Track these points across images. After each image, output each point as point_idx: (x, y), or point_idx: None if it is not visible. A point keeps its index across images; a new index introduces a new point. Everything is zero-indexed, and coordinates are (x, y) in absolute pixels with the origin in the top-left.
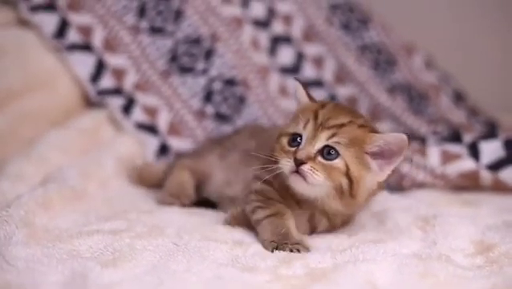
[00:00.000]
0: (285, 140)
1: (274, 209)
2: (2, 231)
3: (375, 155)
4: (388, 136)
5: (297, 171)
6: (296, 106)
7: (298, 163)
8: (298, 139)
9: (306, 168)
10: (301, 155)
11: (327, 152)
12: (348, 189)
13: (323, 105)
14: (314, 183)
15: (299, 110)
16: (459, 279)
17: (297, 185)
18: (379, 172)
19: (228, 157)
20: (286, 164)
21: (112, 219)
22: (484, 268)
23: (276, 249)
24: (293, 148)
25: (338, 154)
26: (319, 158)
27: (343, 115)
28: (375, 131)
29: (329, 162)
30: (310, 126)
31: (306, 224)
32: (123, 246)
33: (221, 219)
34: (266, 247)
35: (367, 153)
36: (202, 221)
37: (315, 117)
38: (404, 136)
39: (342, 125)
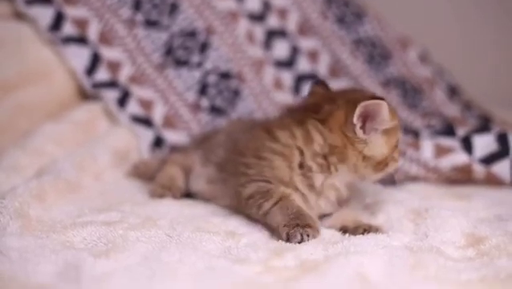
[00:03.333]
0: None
1: (276, 195)
2: None
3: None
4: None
5: None
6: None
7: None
8: None
9: None
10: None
11: None
12: None
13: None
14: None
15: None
16: (450, 271)
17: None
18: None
19: (207, 167)
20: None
21: (106, 211)
22: (475, 260)
23: (287, 237)
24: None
25: None
26: None
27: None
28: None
29: None
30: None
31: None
32: (117, 237)
33: (215, 210)
34: (280, 235)
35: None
36: (195, 212)
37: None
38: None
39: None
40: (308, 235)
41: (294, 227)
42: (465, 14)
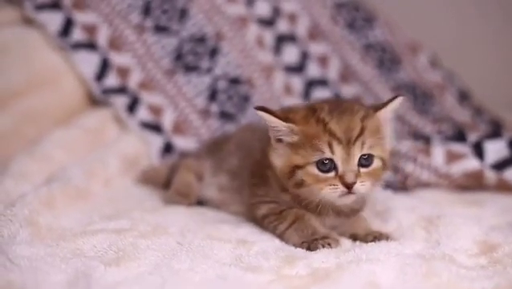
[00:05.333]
0: (313, 169)
1: (291, 217)
2: (6, 230)
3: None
4: (392, 105)
5: (349, 192)
6: (273, 131)
7: (351, 186)
8: (327, 163)
9: (358, 185)
10: (351, 178)
11: (365, 159)
12: (384, 170)
13: (323, 120)
14: (364, 192)
15: (301, 137)
16: (462, 279)
17: (347, 201)
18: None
19: (218, 176)
20: (334, 192)
21: (116, 218)
22: (487, 268)
23: (309, 249)
24: (330, 174)
25: (373, 157)
26: (362, 170)
27: (352, 118)
28: (374, 110)
29: (370, 168)
30: (337, 148)
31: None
32: (127, 246)
33: (225, 218)
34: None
35: None
36: (205, 219)
37: (334, 136)
38: (402, 98)
39: (362, 130)
40: (330, 244)
41: (314, 241)
42: (474, 19)
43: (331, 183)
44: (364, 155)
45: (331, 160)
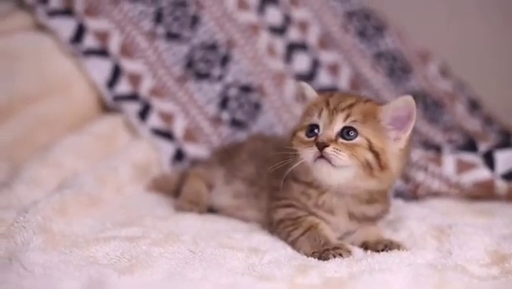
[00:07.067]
0: (302, 134)
1: (306, 224)
2: (19, 237)
3: (390, 125)
4: (395, 102)
5: (321, 156)
6: (305, 104)
7: (321, 146)
8: (316, 130)
9: (329, 149)
10: (322, 138)
11: (347, 132)
12: (376, 162)
13: (330, 94)
14: (340, 164)
15: (310, 104)
16: None
17: (323, 170)
18: (397, 141)
19: (233, 184)
20: (309, 153)
21: (128, 225)
22: (499, 279)
23: (320, 259)
24: (312, 138)
25: (356, 132)
26: (341, 140)
27: (349, 97)
28: (378, 103)
29: (351, 141)
30: (324, 113)
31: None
32: (140, 253)
33: (236, 226)
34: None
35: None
36: (217, 227)
37: (327, 105)
38: (410, 97)
39: (352, 105)
40: (341, 254)
41: (325, 251)
42: (484, 28)
43: (310, 146)
44: (349, 128)
45: (316, 125)
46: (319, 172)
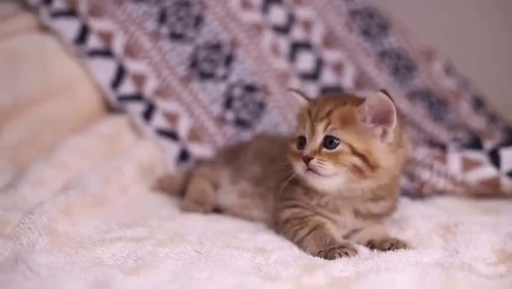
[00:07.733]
0: (294, 146)
1: (312, 224)
2: (25, 238)
3: (372, 123)
4: (368, 101)
5: (309, 168)
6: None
7: (307, 160)
8: (304, 142)
9: (314, 162)
10: (306, 152)
11: (329, 142)
12: (365, 164)
13: (314, 102)
14: (327, 173)
15: (300, 113)
16: None
17: (313, 181)
18: (385, 136)
19: (238, 183)
20: (299, 166)
21: (134, 226)
22: (506, 277)
23: (325, 258)
24: (301, 150)
25: (336, 139)
26: (324, 150)
27: (328, 103)
28: (358, 103)
29: (334, 150)
30: (307, 125)
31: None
32: (146, 254)
33: (242, 226)
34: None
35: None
36: (223, 227)
37: (309, 115)
38: (380, 93)
39: (330, 112)
40: (347, 253)
41: (331, 250)
42: (488, 26)
43: (299, 159)
44: (330, 137)
45: (303, 137)
46: (312, 182)
